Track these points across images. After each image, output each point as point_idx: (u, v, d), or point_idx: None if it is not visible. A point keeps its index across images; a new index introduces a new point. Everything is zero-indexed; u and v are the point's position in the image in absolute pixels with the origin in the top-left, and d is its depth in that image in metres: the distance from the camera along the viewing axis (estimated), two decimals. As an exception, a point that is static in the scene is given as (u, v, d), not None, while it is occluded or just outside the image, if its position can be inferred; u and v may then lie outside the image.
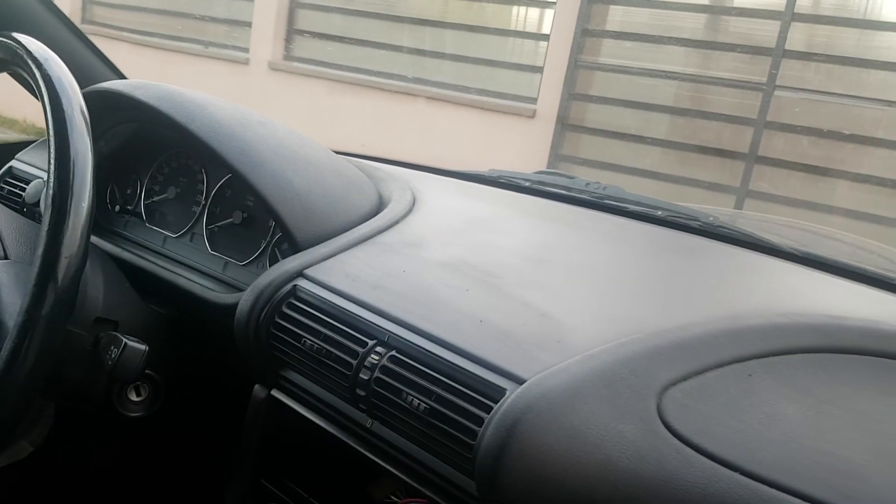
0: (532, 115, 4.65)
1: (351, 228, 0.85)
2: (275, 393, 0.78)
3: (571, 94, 4.58)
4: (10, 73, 0.83)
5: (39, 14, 1.05)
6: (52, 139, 0.65)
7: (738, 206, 4.21)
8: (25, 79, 0.72)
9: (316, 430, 0.74)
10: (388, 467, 0.68)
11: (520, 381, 0.59)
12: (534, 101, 4.69)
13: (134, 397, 0.82)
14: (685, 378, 0.61)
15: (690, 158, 4.48)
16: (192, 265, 0.97)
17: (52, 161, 0.64)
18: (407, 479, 0.67)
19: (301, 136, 0.94)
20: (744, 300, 0.76)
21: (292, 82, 5.63)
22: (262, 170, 0.83)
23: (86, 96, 0.70)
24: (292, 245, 0.82)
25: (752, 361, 0.63)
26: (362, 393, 0.67)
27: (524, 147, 4.55)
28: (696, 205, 1.19)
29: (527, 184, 1.15)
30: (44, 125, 0.68)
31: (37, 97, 0.69)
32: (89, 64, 1.04)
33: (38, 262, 0.61)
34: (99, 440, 0.97)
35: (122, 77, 1.14)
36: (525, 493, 0.57)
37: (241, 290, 0.90)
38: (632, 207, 1.06)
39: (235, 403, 0.83)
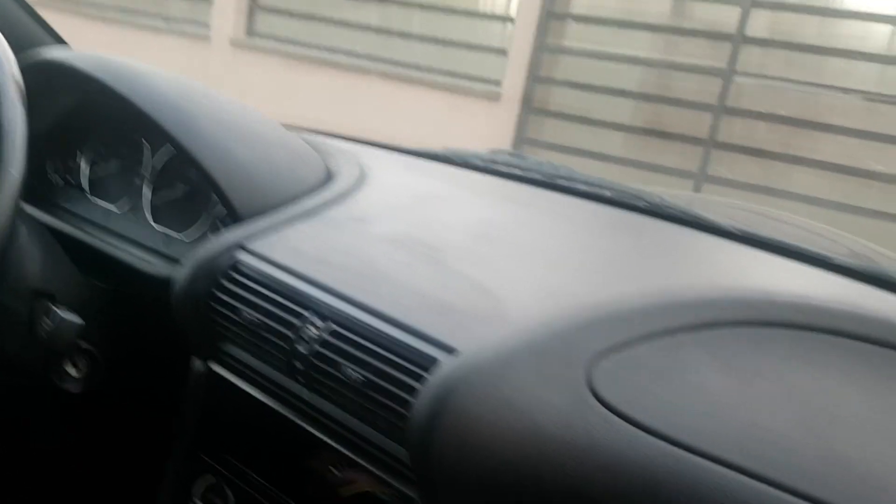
0: (497, 98, 4.65)
1: (295, 202, 0.85)
2: (213, 366, 0.77)
3: (536, 77, 4.59)
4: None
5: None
6: None
7: (697, 190, 4.28)
8: None
9: (255, 404, 0.74)
10: (326, 439, 0.68)
11: (452, 352, 0.59)
12: (499, 83, 4.69)
13: (72, 372, 0.81)
14: (616, 349, 0.62)
15: (653, 143, 4.53)
16: (135, 239, 0.95)
17: None
18: (345, 451, 0.67)
19: (247, 109, 0.93)
20: (680, 275, 0.77)
21: (255, 59, 5.54)
22: (202, 140, 0.82)
23: (22, 64, 0.68)
24: (233, 217, 0.81)
25: (683, 333, 0.64)
26: (300, 366, 0.67)
27: (488, 130, 4.55)
28: (650, 187, 1.20)
29: (479, 162, 1.15)
30: None
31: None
32: (25, 27, 1.01)
33: None
34: (38, 418, 0.95)
35: (62, 42, 1.11)
36: (456, 461, 0.57)
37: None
38: (581, 187, 1.07)
39: (175, 378, 0.82)
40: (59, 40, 1.11)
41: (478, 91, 4.72)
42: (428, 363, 0.59)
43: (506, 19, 4.79)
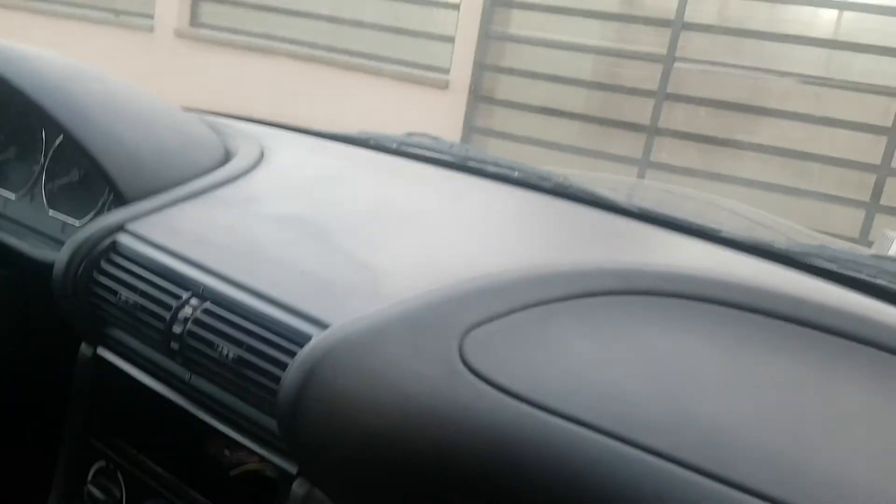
0: (445, 87, 4.65)
1: (184, 183, 0.84)
2: (100, 350, 0.76)
3: (483, 65, 4.60)
4: None
5: None
6: None
7: (640, 177, 4.34)
8: None
9: (141, 387, 0.73)
10: (209, 419, 0.68)
11: (325, 327, 0.60)
12: (447, 71, 4.69)
13: None
14: (489, 320, 0.63)
15: (599, 131, 4.58)
16: (32, 226, 0.93)
17: None
18: (227, 430, 0.67)
19: (139, 92, 0.92)
20: (563, 251, 0.78)
21: (200, 50, 5.44)
22: (87, 123, 0.80)
23: None
24: (118, 199, 0.80)
25: (555, 304, 0.66)
26: (176, 346, 0.67)
27: (437, 118, 4.55)
28: (594, 174, 1.21)
29: (393, 145, 1.15)
30: None
31: None
32: None
33: None
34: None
35: None
36: (323, 432, 0.58)
37: None
38: (490, 168, 1.08)
39: (65, 362, 0.80)
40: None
41: (427, 79, 4.71)
42: (301, 339, 0.59)
43: (452, 6, 4.79)
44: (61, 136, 0.94)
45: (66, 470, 0.78)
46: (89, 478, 0.77)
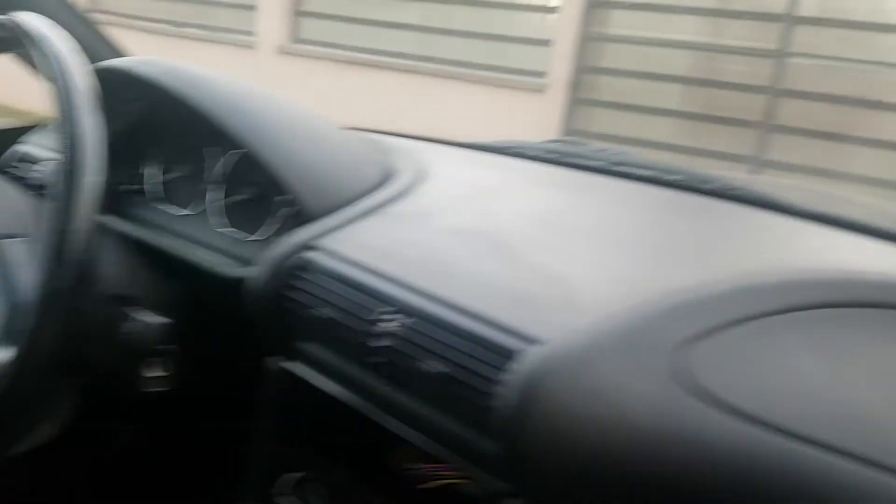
0: (542, 90, 4.62)
1: (360, 199, 0.85)
2: (289, 364, 0.78)
3: (582, 66, 4.54)
4: (13, 55, 0.83)
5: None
6: (60, 115, 0.65)
7: (753, 175, 4.16)
8: (29, 59, 0.72)
9: (333, 400, 0.74)
10: (409, 433, 0.68)
11: (537, 343, 0.59)
12: (543, 75, 4.65)
13: (152, 373, 0.83)
14: (704, 335, 0.60)
15: (704, 129, 4.44)
16: (204, 242, 0.97)
17: (62, 137, 0.64)
18: (428, 444, 0.67)
19: (307, 110, 0.94)
20: (760, 258, 0.75)
21: (301, 65, 5.62)
22: (269, 142, 0.83)
23: (91, 74, 0.70)
24: (302, 216, 0.82)
25: (771, 317, 0.62)
26: (378, 360, 0.67)
27: (535, 122, 4.52)
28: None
29: (536, 153, 1.14)
30: (43, 112, 0.67)
31: (42, 77, 0.69)
32: (95, 46, 1.04)
33: (51, 237, 0.62)
34: (120, 419, 0.98)
35: (122, 55, 1.14)
36: (546, 452, 0.57)
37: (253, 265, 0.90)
38: (643, 172, 1.05)
39: (252, 376, 0.83)
40: (120, 54, 1.14)
41: (523, 84, 4.69)
42: (510, 354, 0.59)
43: (547, 10, 4.75)
44: (230, 155, 0.98)
45: (255, 482, 0.81)
46: (280, 489, 0.79)
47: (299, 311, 0.74)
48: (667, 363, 0.58)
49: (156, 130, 1.04)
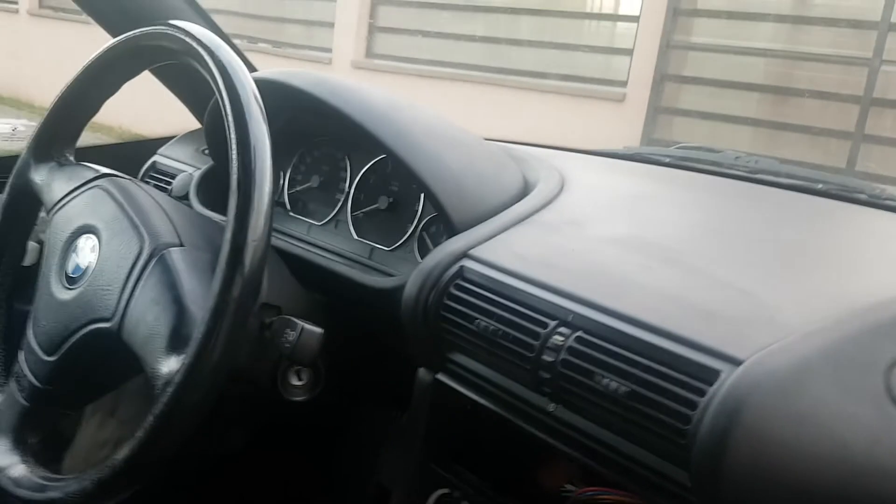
0: (621, 99, 4.54)
1: (505, 209, 0.83)
2: (441, 377, 0.76)
3: (662, 75, 4.44)
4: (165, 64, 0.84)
5: (181, 7, 1.07)
6: (231, 126, 0.65)
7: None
8: (168, 70, 0.71)
9: (488, 414, 0.72)
10: (575, 454, 0.65)
11: (736, 362, 0.54)
12: (623, 84, 4.58)
13: (295, 381, 0.82)
14: (914, 355, 0.56)
15: (791, 139, 4.28)
16: (339, 252, 0.97)
17: (234, 147, 0.64)
18: (598, 467, 0.64)
19: (447, 119, 0.93)
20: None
21: (376, 79, 5.69)
22: (417, 150, 0.82)
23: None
24: (448, 226, 0.81)
25: None
26: (546, 376, 0.64)
27: (614, 132, 4.44)
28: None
29: (668, 160, 1.10)
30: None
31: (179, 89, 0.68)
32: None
33: (227, 247, 0.61)
34: (263, 425, 0.98)
35: (255, 69, 1.15)
36: (749, 484, 0.52)
37: (390, 275, 0.89)
38: (788, 181, 1.00)
39: (396, 387, 0.82)
40: (253, 68, 1.15)
41: (602, 93, 4.63)
42: (710, 376, 0.55)
43: (627, 18, 4.67)
44: (366, 165, 0.98)
45: (406, 497, 0.79)
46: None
47: (457, 323, 0.72)
48: (877, 384, 0.54)
49: (291, 142, 1.05)
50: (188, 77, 0.88)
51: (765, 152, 4.27)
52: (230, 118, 0.65)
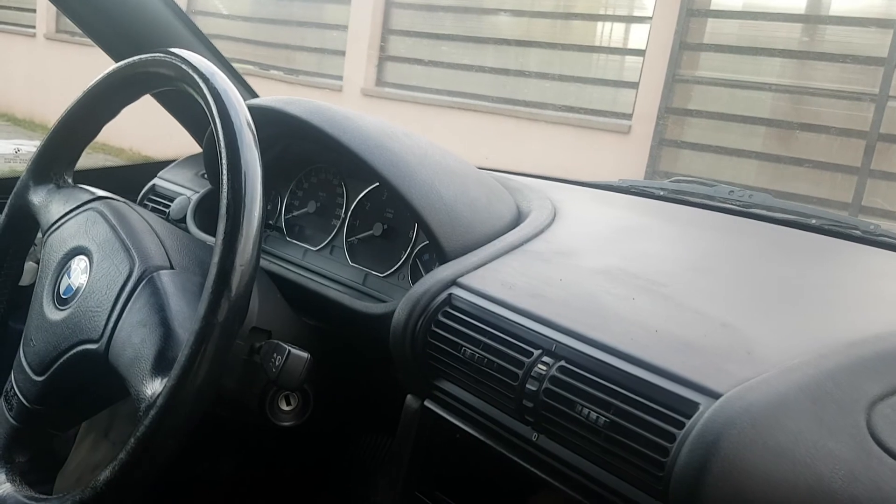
0: (627, 132, 4.57)
1: (496, 238, 0.84)
2: (428, 403, 0.76)
3: (669, 108, 4.47)
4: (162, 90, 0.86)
5: (182, 34, 1.09)
6: (223, 151, 0.66)
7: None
8: (169, 95, 0.73)
9: (472, 443, 0.72)
10: (556, 484, 0.65)
11: (714, 395, 0.55)
12: (628, 116, 4.61)
13: (284, 406, 0.82)
14: (891, 392, 0.56)
15: (796, 173, 4.28)
16: (333, 277, 0.97)
17: (225, 172, 0.65)
18: (578, 498, 0.63)
19: (443, 148, 0.94)
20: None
21: (385, 107, 5.74)
22: (410, 179, 0.83)
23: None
24: (439, 254, 0.81)
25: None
26: (529, 405, 0.65)
27: (619, 164, 4.46)
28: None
29: (662, 192, 1.11)
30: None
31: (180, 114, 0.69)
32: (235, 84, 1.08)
33: (214, 270, 0.62)
34: (250, 450, 0.98)
35: (256, 96, 1.17)
36: (727, 517, 0.52)
37: (383, 300, 0.89)
38: (781, 216, 1.00)
39: (384, 414, 0.82)
40: (253, 94, 1.17)
41: (607, 125, 4.66)
42: (689, 409, 0.55)
43: (633, 52, 4.72)
44: (361, 192, 0.99)
45: (388, 522, 0.79)
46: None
47: (444, 350, 0.72)
48: (856, 421, 0.54)
49: (289, 168, 1.06)
50: (188, 102, 0.90)
51: (769, 187, 4.27)
52: (222, 144, 0.66)
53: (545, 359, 0.65)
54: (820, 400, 0.54)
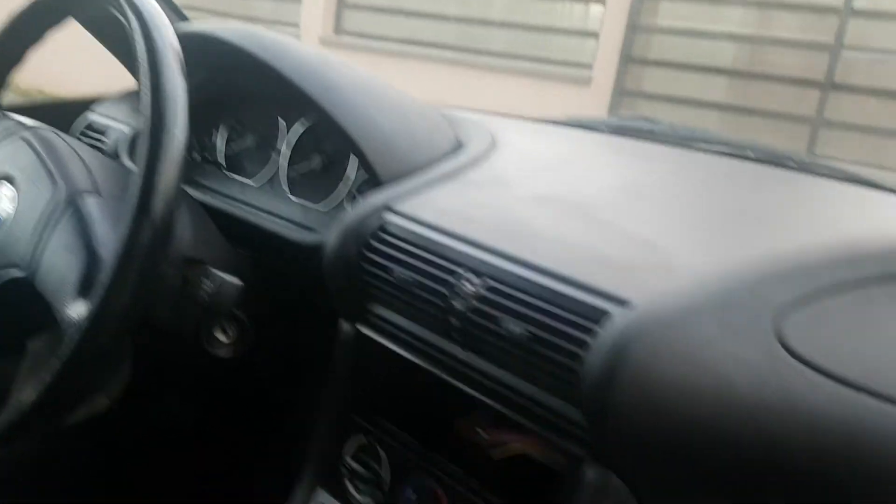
0: (588, 82, 4.56)
1: (433, 165, 0.84)
2: (362, 328, 0.77)
3: (628, 58, 4.47)
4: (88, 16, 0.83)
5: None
6: (145, 72, 0.65)
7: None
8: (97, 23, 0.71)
9: (405, 364, 0.73)
10: (483, 399, 0.67)
11: (626, 304, 0.57)
12: (589, 66, 4.60)
13: (221, 337, 0.82)
14: (803, 301, 0.58)
15: (753, 123, 4.34)
16: (273, 211, 0.97)
17: (147, 93, 0.64)
18: (503, 411, 0.65)
19: (382, 80, 0.93)
20: (856, 226, 0.72)
21: (343, 56, 5.62)
22: (346, 107, 0.82)
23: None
24: (375, 182, 0.81)
25: (871, 286, 0.60)
26: (456, 323, 0.66)
27: (579, 114, 4.46)
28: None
29: (608, 128, 1.12)
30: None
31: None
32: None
33: (136, 192, 0.61)
34: (187, 382, 0.98)
35: (185, 18, 1.14)
36: (635, 420, 0.54)
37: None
38: (720, 148, 1.02)
39: (319, 342, 0.82)
40: (184, 17, 1.14)
41: (567, 76, 4.64)
42: (598, 315, 0.57)
43: (593, 0, 4.69)
44: (301, 124, 0.97)
45: (325, 445, 0.80)
46: (348, 453, 0.78)
47: (376, 274, 0.73)
48: (766, 328, 0.56)
49: (227, 101, 1.04)
50: (122, 33, 0.87)
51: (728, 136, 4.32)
52: (145, 65, 0.65)
53: (472, 277, 0.66)
54: (730, 307, 0.56)
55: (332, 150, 0.94)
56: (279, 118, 1.00)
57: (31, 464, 1.01)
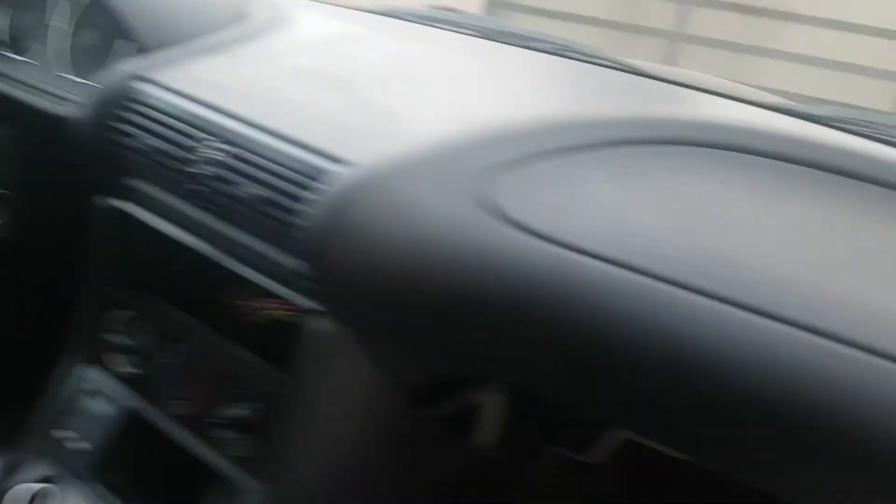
0: (460, -11, 4.48)
1: (203, 36, 0.82)
2: (117, 202, 0.76)
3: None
4: None
5: None
6: None
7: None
8: None
9: (160, 235, 0.73)
10: (232, 265, 0.68)
11: (344, 163, 0.59)
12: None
13: None
14: (510, 164, 0.62)
15: (617, 37, 4.43)
16: (42, 88, 0.92)
17: None
18: (252, 275, 0.67)
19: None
20: (587, 102, 0.77)
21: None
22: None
23: None
24: (136, 50, 0.79)
25: (579, 151, 0.64)
26: (198, 188, 0.67)
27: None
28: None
29: (414, 18, 1.11)
30: None
31: None
32: None
33: None
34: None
35: None
36: (351, 270, 0.58)
37: None
38: (518, 41, 1.04)
39: (79, 216, 0.80)
40: None
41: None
42: (314, 173, 0.59)
43: None
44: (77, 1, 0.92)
45: (87, 321, 0.80)
46: (112, 327, 0.79)
47: (125, 144, 0.71)
48: (468, 186, 0.59)
49: None
50: None
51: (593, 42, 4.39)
52: None
53: (214, 143, 0.66)
54: (437, 166, 0.59)
55: (104, 22, 0.90)
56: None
57: None
